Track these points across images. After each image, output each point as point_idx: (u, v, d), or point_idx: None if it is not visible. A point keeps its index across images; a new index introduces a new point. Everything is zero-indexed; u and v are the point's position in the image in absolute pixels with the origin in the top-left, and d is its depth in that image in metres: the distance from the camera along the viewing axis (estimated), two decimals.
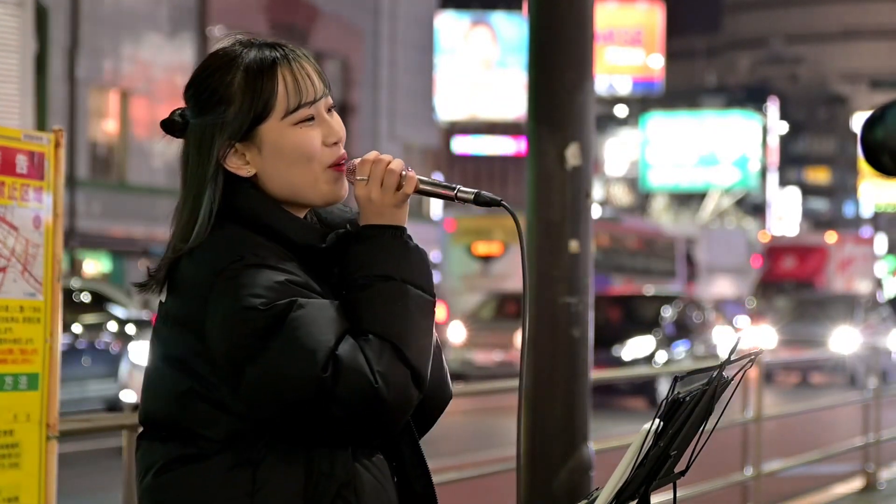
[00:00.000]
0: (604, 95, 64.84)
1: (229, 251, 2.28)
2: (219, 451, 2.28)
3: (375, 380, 2.21)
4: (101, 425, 5.59)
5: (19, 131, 4.01)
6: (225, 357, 2.25)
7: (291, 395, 2.21)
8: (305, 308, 2.23)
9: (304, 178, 2.37)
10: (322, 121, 2.38)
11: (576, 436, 5.78)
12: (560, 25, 5.79)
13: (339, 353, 2.21)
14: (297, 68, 2.37)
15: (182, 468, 2.30)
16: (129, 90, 34.79)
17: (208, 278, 2.27)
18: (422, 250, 2.36)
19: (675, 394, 2.30)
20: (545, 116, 5.80)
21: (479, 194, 2.37)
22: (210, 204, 2.34)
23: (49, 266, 4.02)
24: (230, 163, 2.37)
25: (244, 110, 2.34)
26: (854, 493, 11.06)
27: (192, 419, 2.29)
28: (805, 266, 39.76)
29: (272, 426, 2.26)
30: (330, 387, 2.20)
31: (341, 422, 2.22)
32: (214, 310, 2.25)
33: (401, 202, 2.35)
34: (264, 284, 2.24)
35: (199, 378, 2.29)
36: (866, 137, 2.85)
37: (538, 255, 5.78)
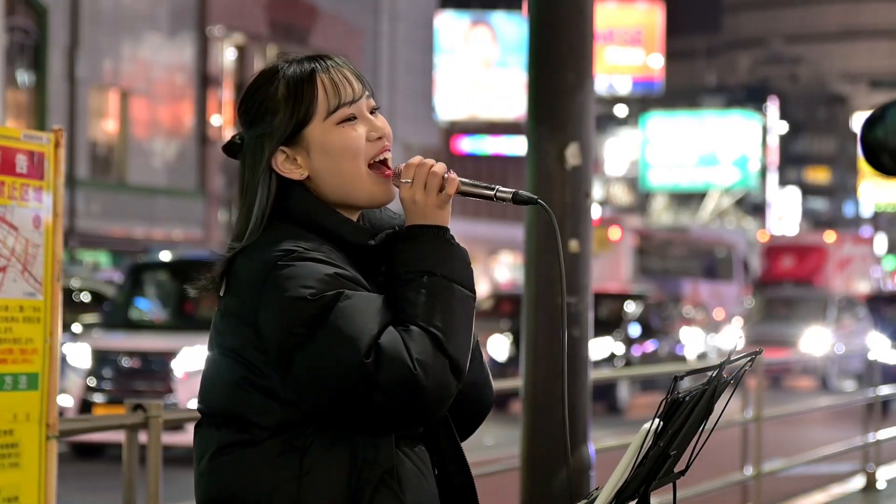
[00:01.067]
0: (604, 95, 64.86)
1: (281, 245, 2.41)
2: (269, 438, 2.40)
3: (414, 367, 2.32)
4: (101, 425, 5.59)
5: (19, 131, 4.01)
6: (276, 346, 2.37)
7: (337, 382, 2.33)
8: (352, 299, 2.36)
9: (351, 175, 2.50)
10: (364, 118, 2.52)
11: (576, 436, 5.78)
12: (560, 25, 5.79)
13: (381, 342, 2.33)
14: (335, 73, 2.52)
15: (234, 453, 2.42)
16: (129, 90, 34.79)
17: (261, 271, 2.40)
18: (463, 249, 2.48)
19: (674, 393, 2.31)
20: (545, 116, 5.80)
21: (517, 193, 2.52)
22: (262, 205, 2.49)
23: (49, 266, 4.02)
24: (283, 168, 2.51)
25: (288, 116, 2.50)
26: (854, 493, 11.06)
27: (245, 407, 2.42)
28: (804, 266, 39.52)
29: (319, 414, 2.38)
30: (372, 373, 2.31)
31: (383, 408, 2.33)
32: (266, 301, 2.38)
33: (443, 203, 2.47)
34: (314, 276, 2.37)
35: (251, 367, 2.42)
36: (866, 137, 2.85)
37: (538, 255, 5.78)
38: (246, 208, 2.51)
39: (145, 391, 12.73)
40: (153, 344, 13.30)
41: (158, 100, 35.79)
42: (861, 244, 43.88)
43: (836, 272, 39.79)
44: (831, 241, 41.13)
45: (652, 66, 67.53)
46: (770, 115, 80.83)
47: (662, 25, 68.12)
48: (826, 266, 39.51)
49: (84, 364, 12.94)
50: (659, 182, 71.98)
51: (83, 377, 12.87)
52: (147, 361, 13.04)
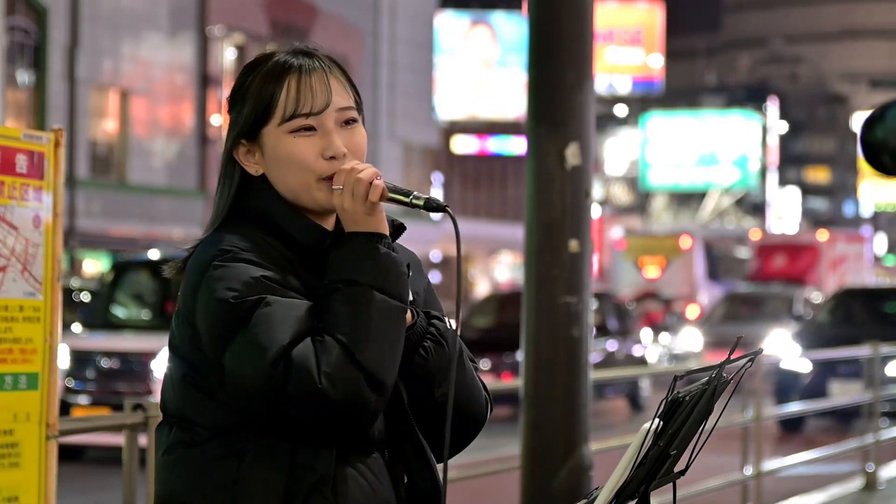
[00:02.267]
0: (604, 95, 64.84)
1: (221, 245, 2.39)
2: (210, 439, 2.38)
3: (320, 380, 2.27)
4: (101, 425, 5.59)
5: (19, 131, 4.01)
6: (208, 348, 2.36)
7: (250, 389, 2.30)
8: (272, 306, 2.32)
9: (299, 186, 2.45)
10: (325, 133, 2.45)
11: (576, 435, 5.78)
12: (560, 25, 5.79)
13: (292, 353, 2.28)
14: (308, 79, 2.45)
15: (177, 453, 2.41)
16: (129, 89, 34.79)
17: (199, 271, 2.38)
18: (394, 257, 2.40)
19: (674, 393, 2.31)
20: (545, 116, 5.80)
21: (428, 200, 2.42)
22: (224, 196, 2.49)
23: (49, 266, 4.02)
24: (244, 160, 2.49)
25: (249, 111, 2.46)
26: (854, 493, 11.05)
27: (188, 406, 2.41)
28: (796, 265, 39.12)
29: (259, 420, 2.34)
30: (280, 383, 2.27)
31: (297, 419, 2.29)
32: (200, 301, 2.37)
33: (370, 210, 2.40)
34: (240, 279, 2.34)
35: (192, 366, 2.41)
36: (866, 137, 2.85)
37: (538, 255, 5.78)
38: (217, 196, 2.52)
39: (125, 392, 12.45)
40: (133, 344, 13.02)
41: (158, 100, 35.79)
42: (855, 243, 43.40)
43: (830, 271, 39.43)
44: (824, 240, 40.69)
45: (652, 65, 67.52)
46: (770, 115, 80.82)
47: (662, 25, 68.11)
48: (819, 265, 39.15)
49: (62, 365, 12.81)
50: (659, 182, 71.98)
51: (62, 378, 12.71)
52: (127, 362, 12.79)
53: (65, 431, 4.24)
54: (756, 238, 44.32)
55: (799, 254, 39.66)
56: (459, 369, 2.48)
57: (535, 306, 5.80)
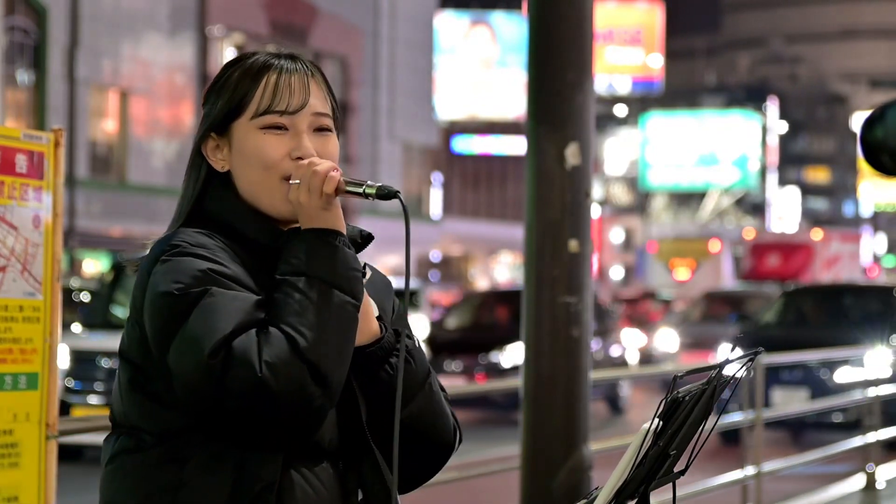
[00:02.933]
0: (603, 95, 64.86)
1: (172, 239, 2.34)
2: (153, 446, 2.32)
3: (260, 369, 2.19)
4: (101, 425, 5.58)
5: (19, 131, 4.01)
6: (153, 346, 2.29)
7: (189, 383, 2.23)
8: (215, 297, 2.25)
9: (261, 184, 2.40)
10: (296, 134, 2.40)
11: (576, 436, 5.78)
12: (560, 25, 5.79)
13: (233, 343, 2.21)
14: (286, 77, 2.41)
15: (120, 459, 2.35)
16: (129, 89, 34.79)
17: (149, 265, 2.34)
18: (348, 253, 2.34)
19: (674, 393, 2.31)
20: (545, 116, 5.80)
21: (380, 188, 2.35)
22: (189, 191, 2.45)
23: (49, 266, 4.02)
24: (210, 154, 2.45)
25: (223, 103, 2.42)
26: (854, 493, 11.05)
27: (133, 412, 2.35)
28: (790, 264, 38.70)
29: (205, 425, 2.28)
30: (219, 375, 2.19)
31: (236, 414, 2.21)
32: (147, 298, 2.31)
33: (326, 204, 2.34)
34: (186, 272, 2.28)
35: (139, 370, 2.34)
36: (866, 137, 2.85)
37: (538, 255, 5.78)
38: (182, 190, 2.48)
39: None
40: None
41: (158, 99, 35.79)
42: (850, 242, 43.03)
43: (824, 270, 39.16)
44: (818, 239, 40.36)
45: (652, 65, 67.54)
46: (770, 115, 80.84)
47: (662, 25, 68.12)
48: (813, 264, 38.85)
49: (62, 365, 12.77)
50: (659, 182, 71.98)
51: (62, 378, 12.67)
52: None
53: (65, 431, 4.24)
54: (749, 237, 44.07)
55: (793, 253, 39.32)
56: (426, 393, 2.42)
57: (535, 306, 5.80)
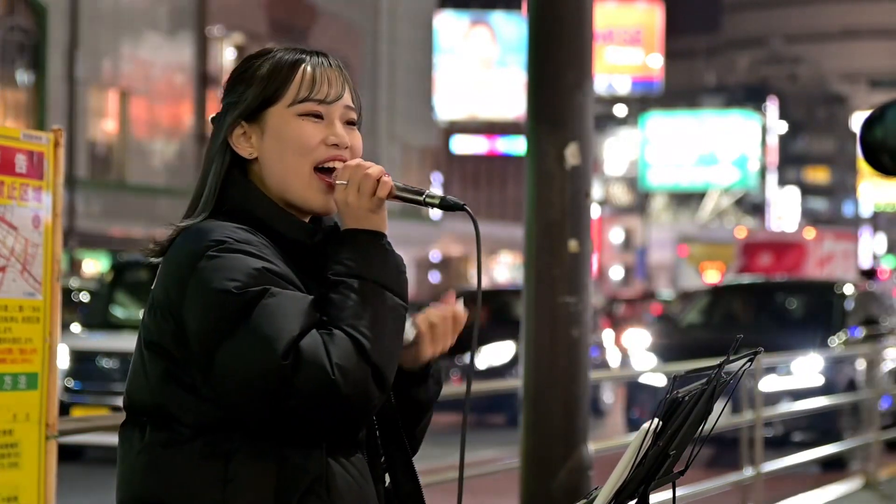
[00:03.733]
0: (603, 95, 64.84)
1: (212, 236, 2.34)
2: (191, 438, 2.32)
3: (333, 371, 2.23)
4: (101, 425, 5.58)
5: (18, 131, 4.00)
6: (198, 339, 2.29)
7: (252, 382, 2.25)
8: (277, 297, 2.27)
9: (293, 171, 2.43)
10: (330, 123, 2.46)
11: (575, 436, 5.78)
12: (559, 25, 5.79)
13: (301, 344, 2.24)
14: (321, 69, 2.47)
15: (157, 453, 2.35)
16: (129, 90, 34.79)
17: (190, 259, 2.32)
18: (397, 256, 2.40)
19: (673, 393, 2.31)
20: (545, 116, 5.80)
21: (443, 199, 2.43)
22: (215, 179, 2.46)
23: (48, 266, 4.02)
24: (236, 142, 2.46)
25: (259, 90, 2.45)
26: (854, 492, 11.05)
27: (168, 403, 2.34)
28: (782, 263, 38.24)
29: (246, 419, 2.30)
30: (289, 375, 2.22)
31: (297, 413, 2.24)
32: (192, 293, 2.30)
33: (376, 207, 2.39)
34: (242, 269, 2.29)
35: (174, 361, 2.34)
36: (866, 137, 2.85)
37: (538, 255, 5.78)
38: (200, 180, 2.49)
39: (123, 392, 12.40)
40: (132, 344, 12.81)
41: (158, 100, 35.78)
42: (843, 240, 42.64)
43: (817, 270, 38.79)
44: (811, 238, 39.99)
45: (651, 65, 67.52)
46: (769, 115, 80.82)
47: (662, 25, 68.11)
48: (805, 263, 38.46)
49: (62, 365, 12.72)
50: (658, 182, 71.95)
51: (61, 378, 12.61)
52: (126, 362, 12.43)
53: (65, 431, 4.24)
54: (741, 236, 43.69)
55: (785, 252, 38.92)
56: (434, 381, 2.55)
57: (535, 306, 5.80)
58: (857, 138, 2.90)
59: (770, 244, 40.41)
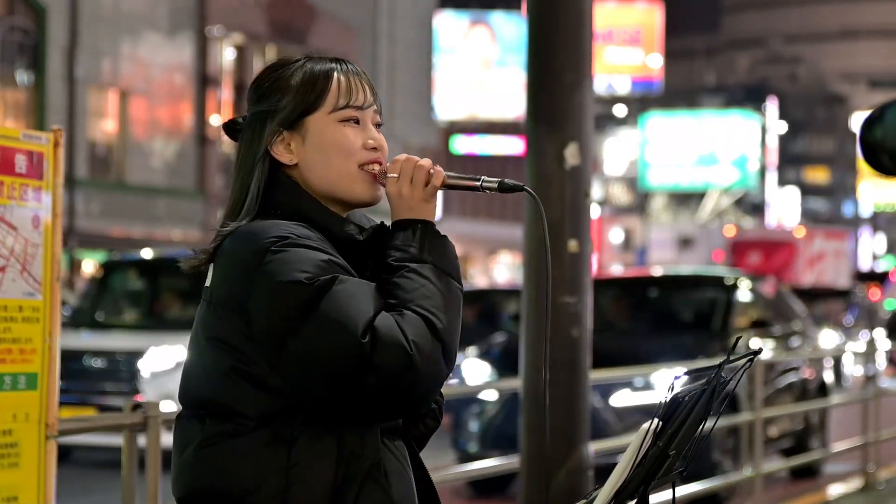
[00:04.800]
0: (603, 95, 64.84)
1: (273, 232, 2.41)
2: (255, 429, 2.40)
3: (410, 347, 2.32)
4: (101, 425, 5.58)
5: (18, 131, 4.01)
6: (266, 331, 2.36)
7: (331, 364, 2.33)
8: (346, 284, 2.37)
9: (340, 172, 2.53)
10: (366, 127, 2.57)
11: (576, 436, 5.78)
12: (559, 25, 5.79)
13: (376, 324, 2.33)
14: (353, 77, 2.58)
15: (219, 444, 2.41)
16: (129, 90, 34.80)
17: (255, 256, 2.39)
18: (451, 243, 2.50)
19: (674, 393, 2.31)
20: (544, 116, 5.80)
21: (502, 182, 2.59)
22: (258, 183, 2.52)
23: (48, 266, 4.02)
24: (276, 149, 2.54)
25: (297, 100, 2.54)
26: (854, 492, 11.06)
27: (232, 397, 2.41)
28: (771, 262, 37.64)
29: (307, 405, 2.37)
30: (368, 354, 2.31)
31: (375, 390, 2.32)
32: (259, 286, 2.37)
33: (430, 196, 2.51)
34: (309, 261, 2.38)
35: (240, 355, 2.41)
36: (865, 137, 2.85)
37: (538, 255, 5.79)
38: (239, 186, 2.54)
39: (111, 392, 12.28)
40: (120, 344, 12.76)
41: (157, 100, 35.79)
42: (835, 239, 42.07)
43: (807, 268, 38.27)
44: (801, 236, 39.46)
45: (651, 65, 67.52)
46: (769, 115, 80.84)
47: (661, 25, 68.11)
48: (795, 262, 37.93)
49: None
50: (658, 182, 71.96)
51: None
52: (114, 362, 12.56)
53: (64, 431, 4.24)
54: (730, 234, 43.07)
55: (774, 250, 38.41)
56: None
57: (534, 306, 5.80)
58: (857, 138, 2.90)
59: (759, 243, 39.90)
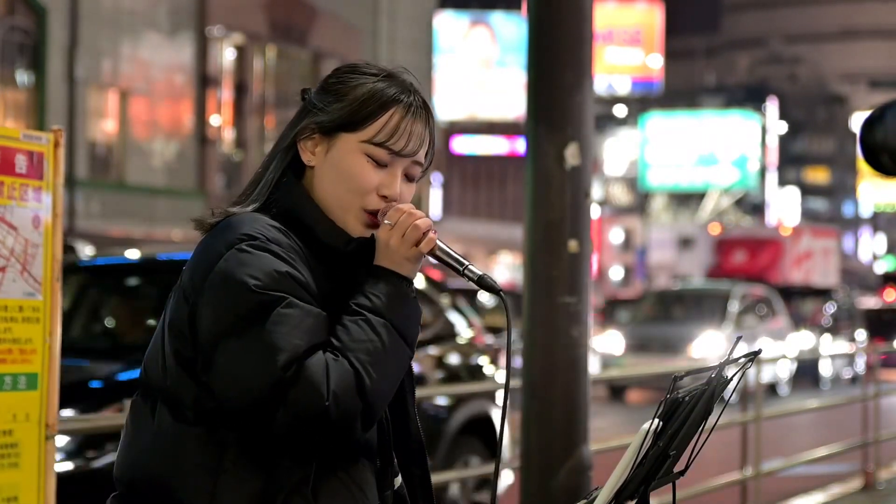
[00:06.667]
0: (603, 95, 64.85)
1: (247, 229, 2.36)
2: (194, 423, 2.35)
3: (328, 397, 2.25)
4: (101, 425, 5.58)
5: (18, 131, 4.00)
6: (206, 328, 2.32)
7: (248, 385, 2.27)
8: (292, 309, 2.30)
9: (342, 201, 2.46)
10: (392, 175, 2.46)
11: (576, 436, 5.78)
12: (559, 25, 5.79)
13: (306, 362, 2.26)
14: (409, 120, 2.47)
15: (162, 431, 2.38)
16: (129, 90, 34.80)
17: (219, 250, 2.35)
18: (419, 308, 2.43)
19: (674, 393, 2.31)
20: (544, 116, 5.80)
21: (481, 277, 2.45)
22: (273, 172, 2.49)
23: (48, 266, 4.02)
24: (302, 144, 2.49)
25: (344, 111, 2.45)
26: (854, 493, 11.06)
27: (177, 386, 2.37)
28: (757, 260, 37.05)
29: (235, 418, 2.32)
30: (285, 387, 2.25)
31: (282, 424, 2.27)
32: (212, 281, 2.33)
33: (414, 257, 2.42)
34: (265, 269, 2.31)
35: (185, 344, 2.36)
36: (865, 137, 2.85)
37: (538, 255, 5.78)
38: (263, 165, 2.52)
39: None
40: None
41: (158, 100, 35.79)
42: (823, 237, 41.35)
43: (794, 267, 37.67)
44: (787, 235, 38.81)
45: (651, 66, 67.52)
46: (769, 115, 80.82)
47: (661, 25, 68.11)
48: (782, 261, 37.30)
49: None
50: (658, 182, 71.95)
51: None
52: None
53: (64, 431, 4.24)
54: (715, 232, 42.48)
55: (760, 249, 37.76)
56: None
57: (534, 306, 5.80)
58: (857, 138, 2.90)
59: (744, 241, 39.31)
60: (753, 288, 26.56)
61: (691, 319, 23.65)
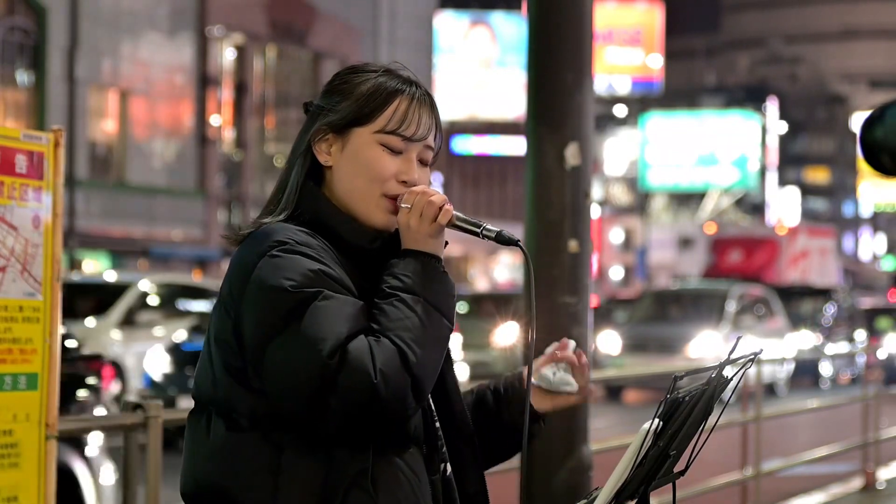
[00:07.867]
0: (603, 95, 64.87)
1: (277, 236, 2.43)
2: (249, 429, 2.41)
3: (375, 375, 2.31)
4: (101, 425, 5.58)
5: (18, 131, 4.00)
6: (251, 334, 2.39)
7: (297, 380, 2.33)
8: (329, 300, 2.36)
9: (363, 193, 2.53)
10: (408, 160, 2.55)
11: (576, 436, 5.78)
12: (559, 25, 5.79)
13: (349, 346, 2.32)
14: (416, 107, 2.57)
15: (219, 441, 2.44)
16: (129, 90, 34.80)
17: (253, 260, 2.42)
18: (450, 281, 2.50)
19: (674, 393, 2.31)
20: (544, 116, 5.80)
21: (499, 233, 2.54)
22: (297, 177, 2.55)
23: (48, 266, 4.02)
24: (317, 146, 2.56)
25: (352, 108, 2.54)
26: (854, 493, 11.06)
27: (230, 395, 2.44)
28: (752, 260, 36.85)
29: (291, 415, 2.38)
30: (333, 374, 2.30)
31: (336, 412, 2.32)
32: (250, 289, 2.40)
33: (436, 232, 2.49)
34: (298, 270, 2.38)
35: (233, 355, 2.43)
36: (865, 137, 2.85)
37: (538, 255, 5.78)
38: (283, 174, 2.58)
39: None
40: None
41: (158, 100, 35.80)
42: (819, 237, 41.16)
43: (790, 267, 37.52)
44: (783, 234, 38.62)
45: (651, 66, 67.54)
46: (769, 115, 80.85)
47: (662, 25, 68.13)
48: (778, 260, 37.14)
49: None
50: (658, 182, 71.98)
51: None
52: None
53: (64, 432, 4.24)
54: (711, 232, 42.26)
55: (756, 249, 37.58)
56: None
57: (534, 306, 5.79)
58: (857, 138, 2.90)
59: (740, 241, 39.16)
60: (751, 288, 26.50)
61: (689, 319, 23.64)
